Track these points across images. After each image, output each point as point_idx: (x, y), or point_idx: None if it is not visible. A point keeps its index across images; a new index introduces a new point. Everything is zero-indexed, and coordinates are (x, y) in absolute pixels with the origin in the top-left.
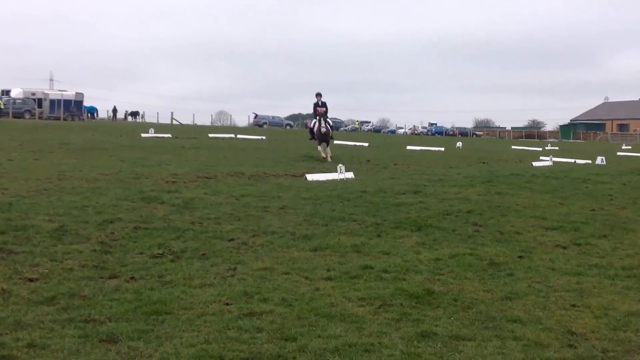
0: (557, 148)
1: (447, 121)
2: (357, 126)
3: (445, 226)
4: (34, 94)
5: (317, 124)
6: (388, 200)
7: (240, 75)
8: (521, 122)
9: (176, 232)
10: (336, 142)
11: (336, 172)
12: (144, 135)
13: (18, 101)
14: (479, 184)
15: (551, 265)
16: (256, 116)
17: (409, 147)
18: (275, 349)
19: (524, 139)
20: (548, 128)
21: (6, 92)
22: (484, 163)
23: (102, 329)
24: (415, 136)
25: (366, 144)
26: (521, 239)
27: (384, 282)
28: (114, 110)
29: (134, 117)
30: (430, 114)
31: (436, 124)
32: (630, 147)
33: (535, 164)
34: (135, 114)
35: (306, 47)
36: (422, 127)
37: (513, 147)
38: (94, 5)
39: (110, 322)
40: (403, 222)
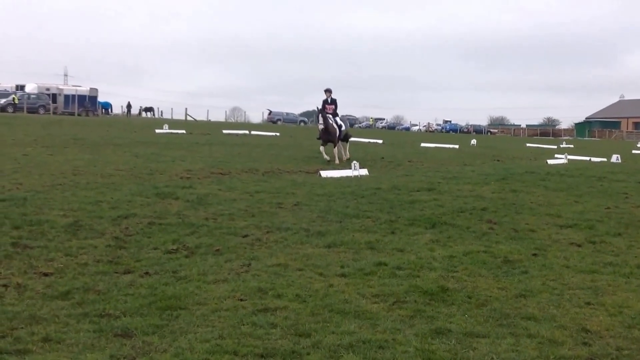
0: (572, 146)
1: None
2: (371, 123)
3: (459, 223)
4: (48, 89)
5: (324, 122)
6: (402, 197)
7: (254, 71)
8: (536, 119)
9: (190, 227)
10: (350, 139)
11: (350, 169)
12: (158, 131)
13: (32, 96)
14: (494, 182)
15: (566, 263)
16: (270, 112)
17: (423, 145)
18: (290, 344)
19: (538, 137)
20: (563, 126)
21: (21, 87)
22: (498, 161)
23: (117, 324)
24: (430, 133)
25: (380, 141)
26: (536, 236)
27: (398, 279)
28: (128, 106)
29: (148, 113)
30: (444, 111)
31: (450, 121)
32: None
33: (550, 161)
34: (150, 109)
35: (321, 43)
36: (437, 125)
37: (528, 144)
38: (109, 1)
39: (124, 316)
40: (417, 219)
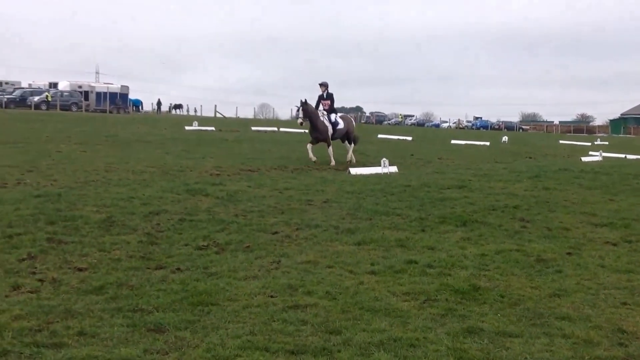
0: (606, 143)
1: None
2: (400, 120)
3: (491, 221)
4: (80, 86)
5: (312, 120)
6: (432, 194)
7: (283, 68)
8: (569, 116)
9: (220, 224)
10: (379, 135)
11: (380, 166)
12: (187, 128)
13: (65, 94)
14: (526, 179)
15: (601, 262)
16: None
17: (453, 142)
18: (320, 341)
19: (572, 134)
20: (597, 122)
21: (54, 85)
22: (530, 158)
23: (150, 319)
24: (460, 130)
25: (410, 138)
26: (570, 235)
27: (428, 277)
28: (159, 103)
29: (177, 110)
30: (475, 107)
31: (481, 117)
32: None
33: (584, 159)
34: (179, 106)
35: (351, 38)
36: (467, 121)
37: (561, 141)
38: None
39: (157, 312)
40: (448, 216)
